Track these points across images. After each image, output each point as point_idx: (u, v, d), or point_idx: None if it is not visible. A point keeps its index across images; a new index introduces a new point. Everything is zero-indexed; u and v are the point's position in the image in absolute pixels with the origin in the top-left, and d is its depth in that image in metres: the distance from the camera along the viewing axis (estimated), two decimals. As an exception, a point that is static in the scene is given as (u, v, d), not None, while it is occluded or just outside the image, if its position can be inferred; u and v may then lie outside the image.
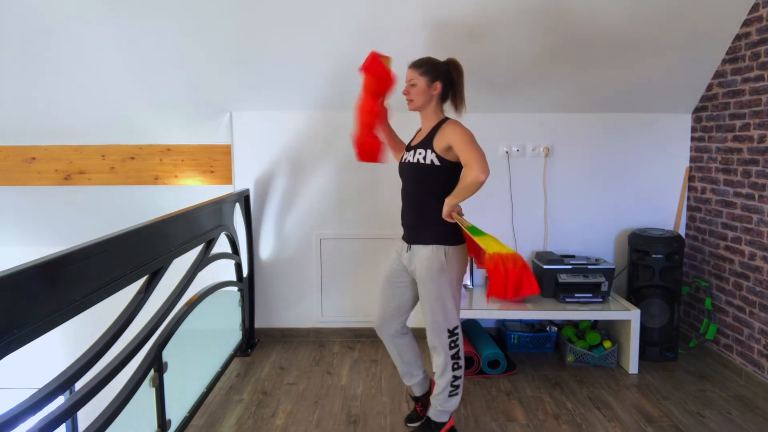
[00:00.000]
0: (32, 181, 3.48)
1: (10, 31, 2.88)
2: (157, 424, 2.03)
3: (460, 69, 2.13)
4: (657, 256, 3.04)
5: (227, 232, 2.89)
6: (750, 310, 2.83)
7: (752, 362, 2.82)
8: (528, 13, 2.76)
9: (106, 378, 1.61)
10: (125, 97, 3.20)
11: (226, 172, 3.45)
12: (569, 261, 3.14)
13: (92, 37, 2.90)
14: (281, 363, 3.12)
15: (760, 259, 2.75)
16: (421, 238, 2.12)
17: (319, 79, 3.10)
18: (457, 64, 2.14)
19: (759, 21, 2.74)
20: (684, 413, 2.52)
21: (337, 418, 2.50)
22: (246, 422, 2.47)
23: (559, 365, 3.06)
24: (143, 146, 3.45)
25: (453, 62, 2.14)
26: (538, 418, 2.48)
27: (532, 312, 3.01)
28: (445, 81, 2.11)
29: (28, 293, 1.24)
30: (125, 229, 1.73)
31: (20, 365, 3.42)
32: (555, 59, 2.99)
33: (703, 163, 3.24)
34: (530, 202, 3.41)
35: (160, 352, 2.01)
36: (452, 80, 2.13)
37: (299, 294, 3.46)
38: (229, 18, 2.79)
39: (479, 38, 2.86)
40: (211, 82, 3.14)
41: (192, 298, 2.41)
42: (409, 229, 2.18)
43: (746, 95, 2.85)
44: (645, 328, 3.04)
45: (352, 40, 2.88)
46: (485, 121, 3.32)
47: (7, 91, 3.16)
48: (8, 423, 1.20)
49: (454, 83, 2.13)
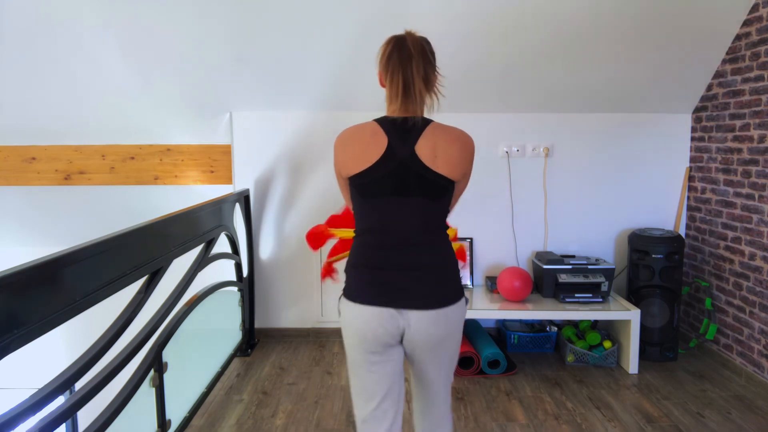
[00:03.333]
0: (32, 181, 3.48)
1: (10, 31, 2.88)
2: (157, 424, 2.03)
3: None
4: (657, 256, 3.04)
5: (227, 232, 2.89)
6: (750, 310, 2.83)
7: (752, 362, 2.82)
8: (528, 13, 2.77)
9: (106, 378, 1.61)
10: (125, 97, 3.20)
11: (226, 172, 3.45)
12: (569, 261, 3.14)
13: (92, 37, 2.90)
14: (281, 363, 3.12)
15: (760, 259, 2.75)
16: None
17: (319, 79, 3.11)
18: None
19: (759, 21, 2.74)
20: (684, 413, 2.52)
21: (337, 418, 2.50)
22: (246, 422, 2.47)
23: (559, 365, 3.06)
24: (143, 146, 3.44)
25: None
26: (538, 418, 2.48)
27: (532, 312, 3.01)
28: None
29: (28, 293, 1.24)
30: (125, 229, 1.73)
31: (20, 365, 3.42)
32: (555, 59, 2.99)
33: (703, 163, 3.23)
34: (530, 202, 3.41)
35: (160, 352, 2.01)
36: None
37: (299, 294, 3.46)
38: (229, 18, 2.79)
39: (479, 38, 2.86)
40: (211, 82, 3.14)
41: (192, 298, 2.41)
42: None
43: (746, 95, 2.85)
44: (645, 328, 3.04)
45: (352, 40, 2.88)
46: (485, 121, 3.33)
47: (7, 91, 3.16)
48: (8, 423, 1.20)
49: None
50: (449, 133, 1.46)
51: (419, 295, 1.42)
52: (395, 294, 1.41)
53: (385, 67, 1.45)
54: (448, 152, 1.43)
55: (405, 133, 1.43)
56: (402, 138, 1.42)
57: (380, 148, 1.42)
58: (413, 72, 1.41)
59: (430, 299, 1.42)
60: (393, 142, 1.42)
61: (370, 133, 1.45)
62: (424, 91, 1.44)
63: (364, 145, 1.44)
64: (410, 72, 1.41)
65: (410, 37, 1.44)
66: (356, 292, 1.45)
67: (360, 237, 1.50)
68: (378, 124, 1.46)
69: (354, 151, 1.45)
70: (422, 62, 1.42)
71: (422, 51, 1.43)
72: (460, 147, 1.45)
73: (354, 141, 1.47)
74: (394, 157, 1.41)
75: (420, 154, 1.41)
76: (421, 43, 1.44)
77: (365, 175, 1.43)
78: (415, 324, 1.41)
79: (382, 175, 1.42)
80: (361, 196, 1.47)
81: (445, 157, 1.42)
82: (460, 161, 1.45)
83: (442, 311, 1.42)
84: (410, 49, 1.42)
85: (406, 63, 1.41)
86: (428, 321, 1.41)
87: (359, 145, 1.45)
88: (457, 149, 1.44)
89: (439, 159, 1.42)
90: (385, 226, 1.44)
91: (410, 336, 1.43)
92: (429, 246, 1.46)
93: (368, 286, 1.44)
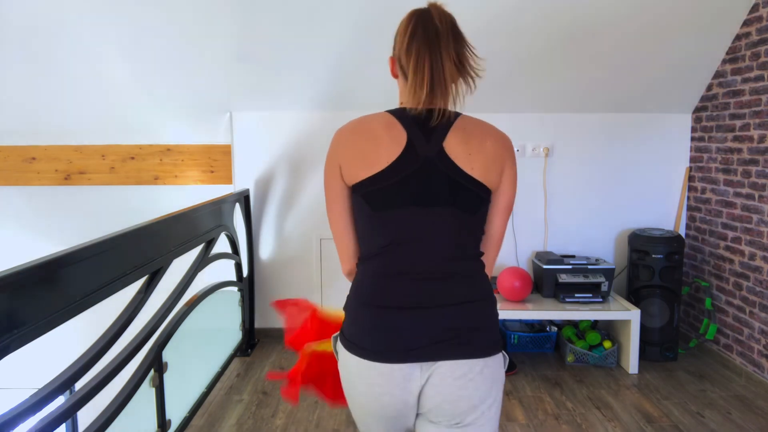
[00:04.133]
0: (32, 181, 3.48)
1: (11, 31, 2.88)
2: (157, 424, 2.03)
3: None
4: (657, 256, 3.04)
5: (227, 232, 2.89)
6: (750, 310, 2.83)
7: (752, 362, 2.82)
8: (528, 13, 2.76)
9: (106, 378, 1.61)
10: (125, 97, 3.20)
11: (226, 172, 3.45)
12: (569, 261, 3.14)
13: (92, 37, 2.90)
14: (281, 363, 3.12)
15: (760, 259, 2.75)
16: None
17: (319, 79, 3.10)
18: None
19: (759, 21, 2.74)
20: (684, 413, 2.52)
21: (337, 418, 2.50)
22: (246, 422, 2.47)
23: (559, 365, 3.06)
24: (143, 146, 3.44)
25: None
26: (538, 418, 2.48)
27: (532, 312, 3.01)
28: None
29: (28, 293, 1.24)
30: (125, 229, 1.73)
31: (20, 365, 3.42)
32: (555, 59, 2.99)
33: (703, 163, 3.23)
34: (530, 202, 3.40)
35: (160, 352, 2.01)
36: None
37: (299, 294, 3.45)
38: (229, 18, 2.79)
39: (479, 38, 2.86)
40: (211, 82, 3.14)
41: (192, 298, 2.41)
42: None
43: (746, 95, 2.85)
44: (645, 328, 3.04)
45: (352, 40, 2.88)
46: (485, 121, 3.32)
47: (7, 91, 3.16)
48: (8, 423, 1.20)
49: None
50: (483, 128, 1.14)
51: (453, 341, 1.04)
52: (417, 342, 1.04)
53: (407, 50, 1.08)
54: (484, 152, 1.10)
55: (429, 128, 1.09)
56: (426, 133, 1.08)
57: (398, 146, 1.07)
58: (442, 55, 1.07)
59: (467, 347, 1.05)
60: (414, 137, 1.08)
61: (383, 125, 1.10)
62: (457, 76, 1.10)
63: (376, 142, 1.08)
64: (439, 55, 1.07)
65: (436, 11, 1.11)
66: (359, 343, 1.08)
67: (367, 264, 1.14)
68: (392, 115, 1.11)
69: (362, 149, 1.10)
70: (453, 42, 1.09)
71: (453, 27, 1.11)
72: (498, 145, 1.13)
73: (361, 137, 1.11)
74: (416, 156, 1.07)
75: (450, 152, 1.08)
76: (450, 18, 1.13)
77: (378, 180, 1.07)
78: (441, 380, 1.04)
79: (400, 180, 1.07)
80: (371, 209, 1.09)
81: (482, 159, 1.09)
82: (499, 161, 1.12)
83: (482, 361, 1.06)
84: (437, 26, 1.08)
85: (434, 44, 1.07)
86: (462, 374, 1.04)
87: (368, 142, 1.09)
88: (495, 147, 1.12)
89: (475, 160, 1.08)
90: (406, 246, 1.08)
91: (432, 396, 1.04)
92: (465, 275, 1.10)
93: (376, 333, 1.07)
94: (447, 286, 1.08)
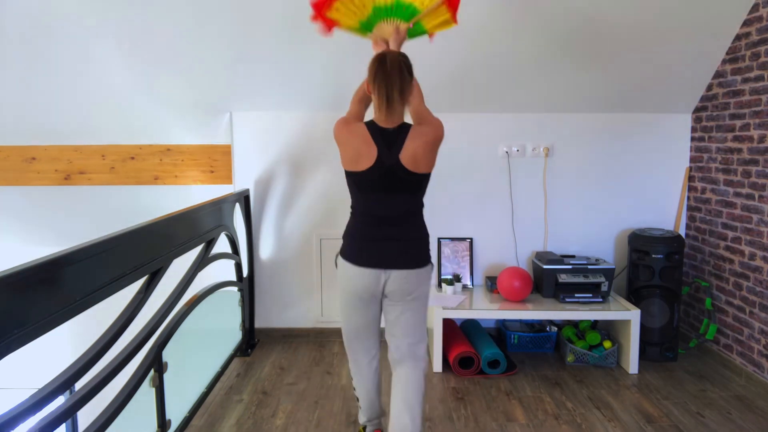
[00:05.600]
0: (32, 181, 3.48)
1: (10, 31, 2.88)
2: (157, 424, 2.03)
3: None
4: (657, 256, 3.04)
5: (227, 232, 2.89)
6: (750, 310, 2.83)
7: (752, 362, 2.82)
8: (529, 12, 2.77)
9: (106, 378, 1.61)
10: (125, 97, 3.20)
11: (226, 172, 3.45)
12: (569, 261, 3.14)
13: (92, 37, 2.90)
14: (281, 363, 3.12)
15: (760, 259, 2.75)
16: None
17: (319, 79, 3.10)
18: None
19: (759, 21, 2.74)
20: (684, 413, 2.52)
21: (337, 418, 2.50)
22: (246, 422, 2.47)
23: (559, 365, 3.06)
24: (143, 146, 3.44)
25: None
26: (538, 418, 2.48)
27: (532, 312, 3.01)
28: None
29: (28, 293, 1.24)
30: (125, 229, 1.73)
31: (20, 365, 3.42)
32: (555, 59, 2.99)
33: (703, 163, 3.24)
34: (530, 202, 3.41)
35: (160, 352, 2.01)
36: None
37: (299, 294, 3.46)
38: (229, 18, 2.79)
39: (479, 38, 2.86)
40: (211, 82, 3.14)
41: (192, 298, 2.41)
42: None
43: (746, 95, 2.85)
44: (645, 328, 3.04)
45: (351, 40, 2.88)
46: (485, 121, 3.32)
47: (7, 91, 3.16)
48: (8, 423, 1.20)
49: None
50: (423, 135, 1.83)
51: (400, 260, 1.89)
52: (382, 258, 1.89)
53: (372, 81, 1.82)
54: (427, 155, 1.84)
55: (390, 142, 1.83)
56: (388, 146, 1.82)
57: (371, 158, 1.83)
58: (393, 88, 1.78)
59: (409, 262, 1.90)
60: (381, 152, 1.82)
61: (362, 140, 1.84)
62: (400, 102, 1.81)
63: (359, 152, 1.84)
64: (390, 87, 1.78)
65: (390, 57, 1.80)
66: (351, 256, 1.93)
67: (356, 216, 1.97)
68: (368, 131, 1.85)
69: (350, 155, 1.87)
70: (399, 79, 1.78)
71: (399, 68, 1.78)
72: (431, 145, 1.85)
73: (349, 146, 1.87)
74: (383, 165, 1.83)
75: (404, 162, 1.82)
76: (398, 61, 1.79)
77: (361, 176, 1.87)
78: (394, 279, 1.89)
79: (374, 178, 1.85)
80: (358, 190, 1.92)
81: (424, 160, 1.85)
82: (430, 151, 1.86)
83: (415, 270, 1.91)
84: (389, 69, 1.78)
85: (388, 80, 1.78)
86: (404, 277, 1.89)
87: (353, 151, 1.85)
88: (430, 148, 1.85)
89: (420, 162, 1.84)
90: (377, 212, 1.91)
91: (390, 287, 1.90)
92: (410, 225, 1.93)
93: (361, 252, 1.91)
94: (401, 229, 1.91)
